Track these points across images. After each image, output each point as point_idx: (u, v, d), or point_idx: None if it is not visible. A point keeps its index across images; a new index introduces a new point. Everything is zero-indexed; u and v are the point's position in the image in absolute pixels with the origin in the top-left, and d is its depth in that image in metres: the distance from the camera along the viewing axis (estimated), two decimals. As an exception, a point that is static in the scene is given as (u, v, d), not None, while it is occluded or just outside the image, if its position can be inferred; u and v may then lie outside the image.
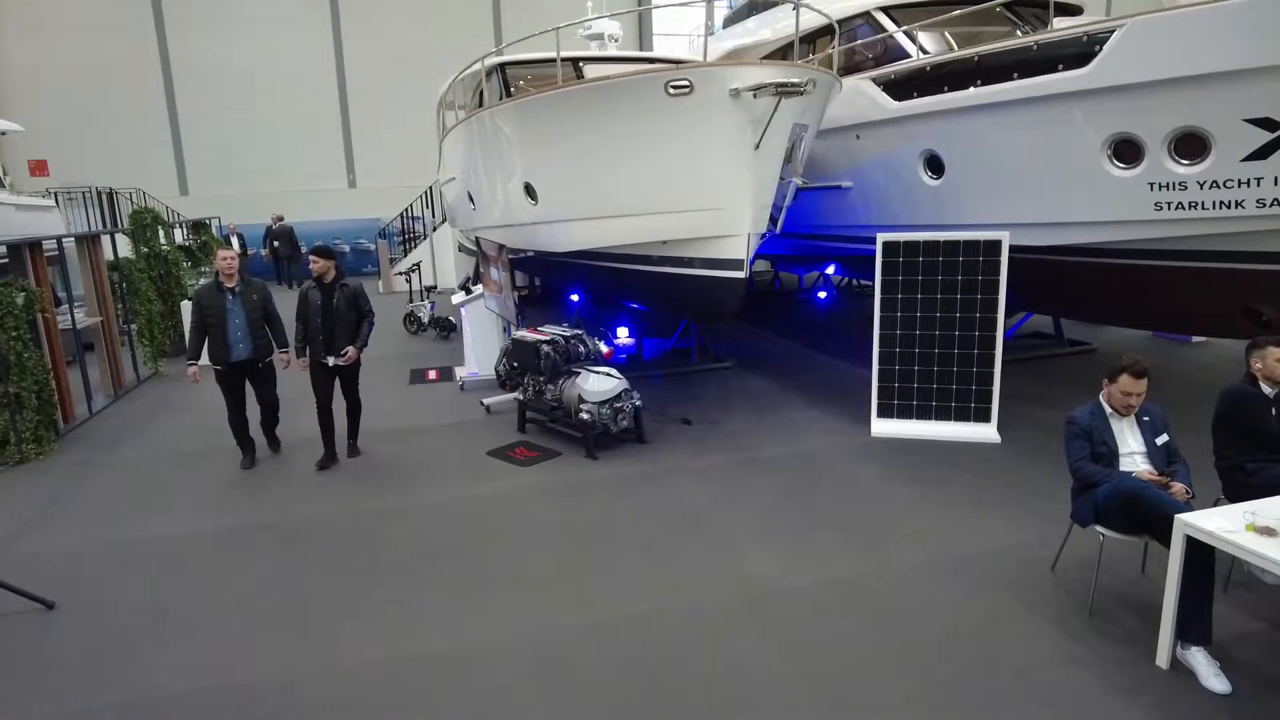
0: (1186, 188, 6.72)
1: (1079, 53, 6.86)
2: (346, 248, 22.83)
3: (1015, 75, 7.42)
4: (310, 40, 24.48)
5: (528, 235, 9.27)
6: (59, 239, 9.18)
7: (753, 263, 7.55)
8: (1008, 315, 7.90)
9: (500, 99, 10.50)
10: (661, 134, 6.89)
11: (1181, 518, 3.76)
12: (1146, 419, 4.57)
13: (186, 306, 11.60)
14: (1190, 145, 6.59)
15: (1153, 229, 7.10)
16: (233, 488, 6.81)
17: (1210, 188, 6.61)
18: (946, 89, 8.13)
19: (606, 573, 5.05)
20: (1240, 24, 5.95)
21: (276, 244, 20.94)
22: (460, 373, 10.53)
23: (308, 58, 24.50)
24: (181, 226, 14.12)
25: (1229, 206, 6.59)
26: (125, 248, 11.63)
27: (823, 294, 15.75)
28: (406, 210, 21.32)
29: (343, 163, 25.70)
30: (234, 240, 20.39)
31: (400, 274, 14.17)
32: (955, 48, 9.80)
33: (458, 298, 10.38)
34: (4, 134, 16.18)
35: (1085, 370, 10.00)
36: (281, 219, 21.31)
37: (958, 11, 9.18)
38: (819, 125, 8.14)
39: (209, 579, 5.14)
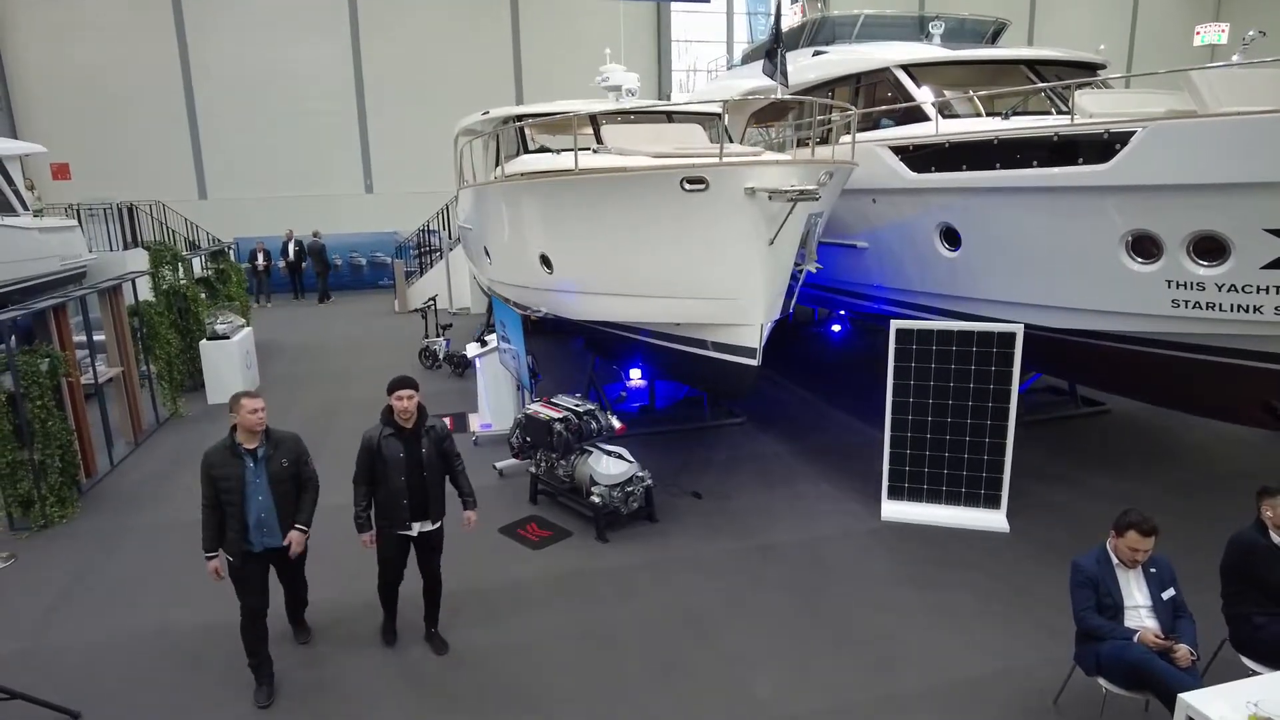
0: (1205, 289, 6.68)
1: (1100, 148, 6.82)
2: (364, 260, 22.98)
3: (1035, 163, 7.38)
4: (329, 44, 24.58)
5: (542, 298, 9.33)
6: (82, 295, 9.28)
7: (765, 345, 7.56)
8: (1021, 375, 7.88)
9: (517, 151, 10.55)
10: (678, 226, 6.92)
11: (1185, 698, 3.79)
12: (1154, 570, 4.58)
13: (206, 346, 11.77)
14: (1209, 248, 6.55)
15: (1169, 324, 7.07)
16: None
17: (1229, 290, 6.57)
18: (965, 167, 8.09)
19: (611, 694, 5.14)
20: (1264, 138, 5.90)
21: (293, 258, 21.20)
22: (474, 422, 10.63)
23: (326, 62, 24.61)
24: (200, 256, 14.22)
25: (1247, 310, 6.55)
26: (143, 282, 11.80)
27: (836, 327, 15.74)
28: (424, 226, 21.41)
29: (360, 168, 25.85)
30: (260, 256, 20.61)
31: (416, 310, 14.27)
32: (978, 105, 9.77)
33: (473, 349, 10.46)
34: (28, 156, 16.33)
35: (1098, 434, 9.98)
36: (317, 235, 21.54)
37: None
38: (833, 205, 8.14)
39: (229, 681, 5.27)
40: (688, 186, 6.63)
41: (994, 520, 7.48)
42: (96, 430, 9.28)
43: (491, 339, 10.47)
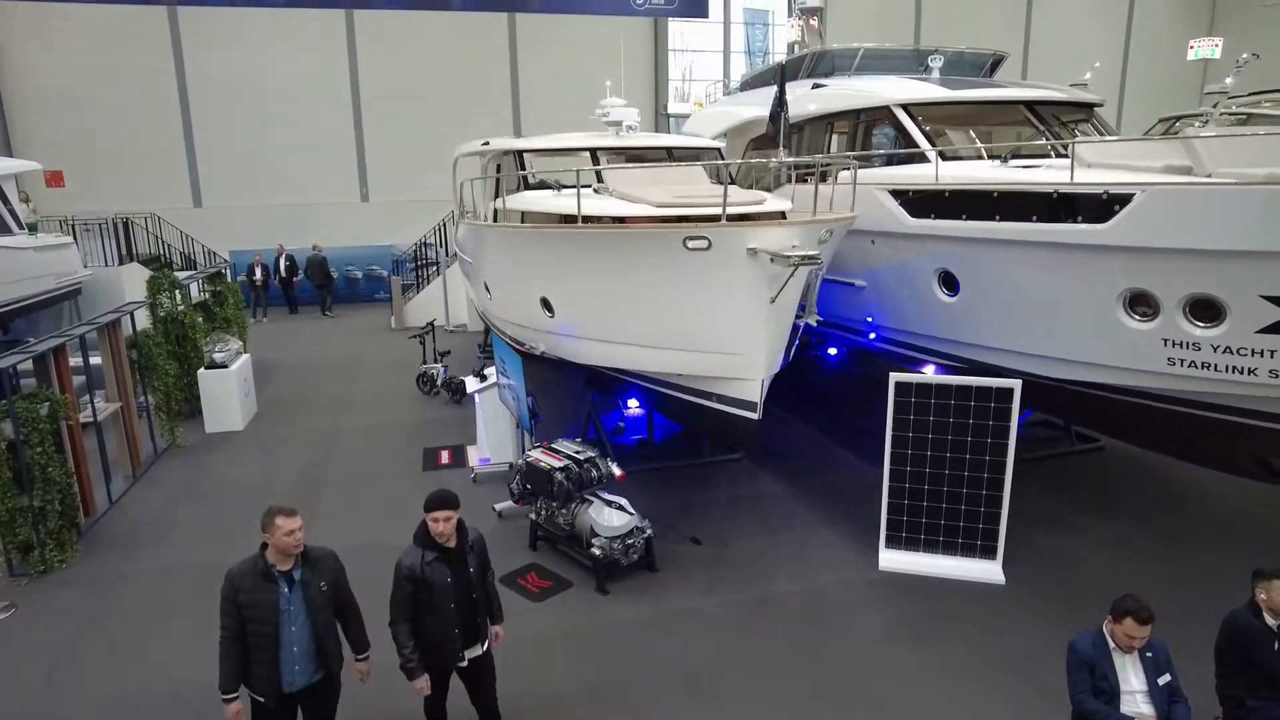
0: (1200, 349, 6.75)
1: (1099, 207, 6.87)
2: (359, 274, 22.95)
3: (1035, 217, 7.43)
4: (325, 50, 24.52)
5: (542, 339, 9.35)
6: (82, 333, 9.24)
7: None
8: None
9: (518, 184, 10.56)
10: (681, 282, 6.95)
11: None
12: (1150, 655, 4.63)
13: (204, 375, 11.75)
14: (1205, 309, 6.62)
15: (1166, 381, 7.13)
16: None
17: (1224, 352, 6.64)
18: (965, 216, 8.13)
19: (616, 765, 5.19)
20: (1261, 208, 5.97)
21: (284, 273, 21.22)
22: (472, 455, 10.67)
23: (322, 68, 24.55)
24: (197, 280, 14.19)
25: (1242, 372, 6.62)
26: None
27: (833, 350, 15.77)
28: (421, 240, 21.38)
29: (356, 176, 25.81)
30: (257, 270, 20.59)
31: (413, 338, 14.27)
32: (979, 142, 9.84)
33: (472, 383, 10.48)
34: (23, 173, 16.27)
35: (1094, 473, 10.06)
36: (317, 248, 21.53)
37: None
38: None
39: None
40: (690, 245, 6.66)
41: (990, 571, 7.55)
42: (95, 464, 9.28)
43: (490, 372, 10.50)
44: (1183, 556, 7.90)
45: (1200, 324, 6.67)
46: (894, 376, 7.58)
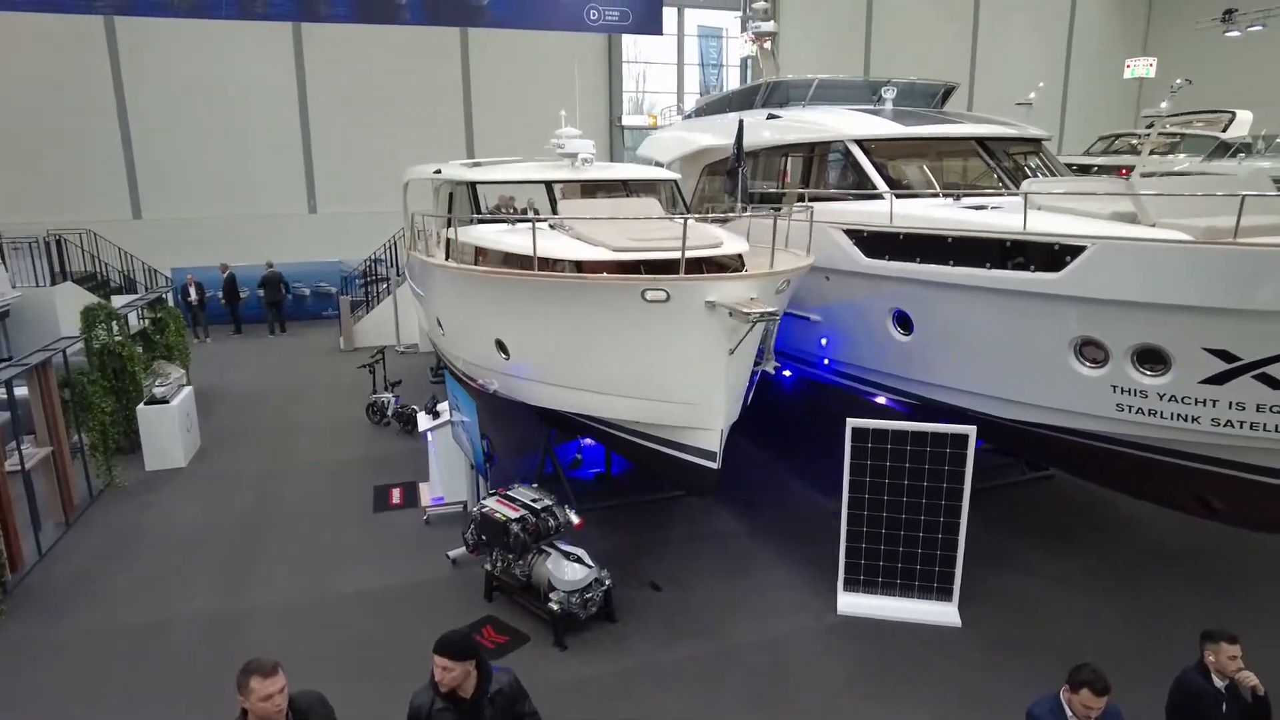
0: (1147, 396, 6.89)
1: (1051, 257, 6.97)
2: (306, 290, 22.35)
3: (988, 264, 7.52)
4: (271, 57, 23.86)
5: (497, 379, 9.18)
6: (8, 378, 8.74)
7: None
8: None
9: (471, 215, 10.36)
10: (639, 333, 6.87)
11: None
12: (1107, 723, 4.68)
13: (143, 412, 11.26)
14: (1152, 359, 6.77)
15: (1113, 425, 7.27)
16: (182, 688, 6.64)
17: (1169, 400, 6.79)
18: (919, 259, 8.20)
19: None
20: (1206, 266, 6.11)
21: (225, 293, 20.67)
22: (425, 493, 10.42)
23: (268, 76, 23.89)
24: (137, 309, 13.63)
25: (1186, 420, 6.78)
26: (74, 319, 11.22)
27: (787, 373, 15.83)
28: (371, 257, 20.89)
29: (304, 186, 25.18)
30: (192, 290, 19.90)
31: (363, 367, 13.89)
32: (933, 179, 9.96)
33: (425, 420, 10.23)
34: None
35: (1044, 504, 10.23)
36: (271, 265, 20.90)
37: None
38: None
39: None
40: (649, 297, 6.58)
41: (947, 614, 7.61)
42: (23, 511, 8.80)
43: (444, 408, 10.28)
44: (1131, 592, 8.07)
45: (1147, 373, 6.81)
46: (851, 423, 7.58)
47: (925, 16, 30.57)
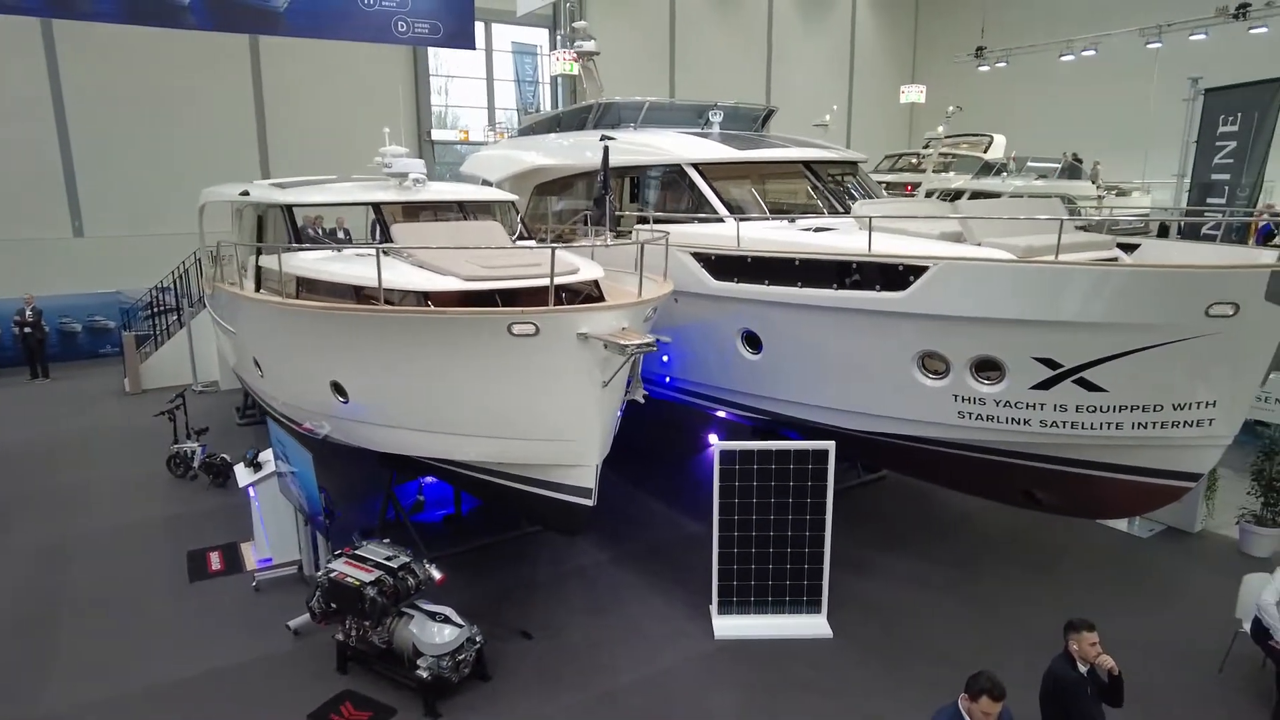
0: (985, 403, 7.41)
1: (896, 277, 7.32)
2: (78, 326, 19.44)
3: (835, 285, 7.79)
4: (14, 60, 20.54)
5: (332, 424, 8.31)
6: None
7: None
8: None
9: (289, 240, 9.38)
10: (506, 369, 6.43)
11: None
12: (1001, 727, 4.88)
13: None
14: (989, 369, 7.29)
15: (956, 431, 7.76)
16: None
17: (1004, 406, 7.34)
18: (767, 281, 8.36)
19: None
20: (1034, 284, 6.66)
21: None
22: (249, 555, 9.26)
23: (11, 81, 20.54)
24: None
25: (1019, 423, 7.36)
26: None
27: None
28: (157, 285, 18.46)
29: (65, 206, 21.89)
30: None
31: (161, 414, 12.14)
32: (761, 201, 10.27)
33: (245, 475, 9.07)
34: None
35: (882, 505, 10.81)
36: (30, 299, 17.77)
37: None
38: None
39: None
40: (516, 331, 6.16)
41: (818, 626, 7.78)
42: None
43: (266, 457, 9.18)
44: (973, 581, 8.67)
45: (985, 381, 7.33)
46: (718, 445, 7.57)
47: (724, 43, 32.08)
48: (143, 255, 19.31)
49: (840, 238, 8.47)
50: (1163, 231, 11.37)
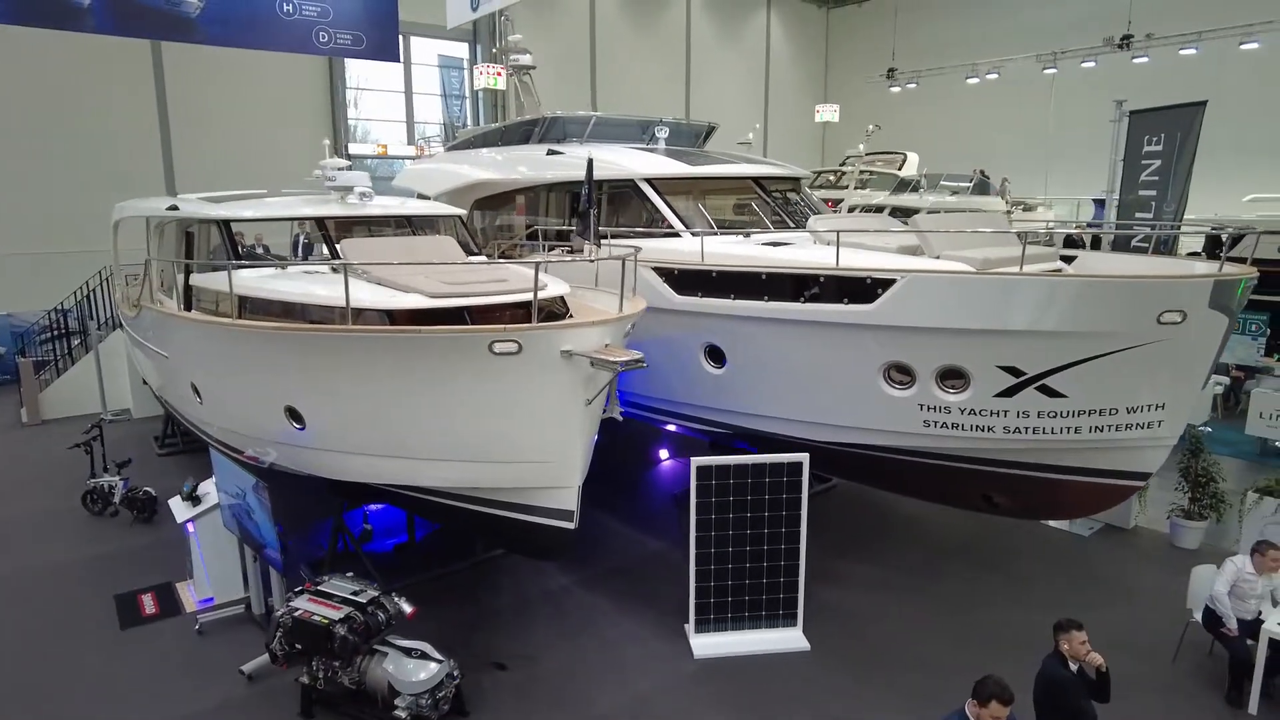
0: (950, 412, 7.59)
1: (863, 290, 7.44)
2: (-40, 354, 17.87)
3: (802, 298, 7.86)
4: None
5: (284, 451, 7.83)
6: None
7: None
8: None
9: (228, 256, 8.84)
10: (485, 388, 6.18)
11: None
12: (1009, 732, 4.95)
13: None
14: (954, 378, 7.48)
15: (920, 440, 7.93)
16: None
17: (969, 414, 7.53)
18: (732, 295, 8.37)
19: None
20: (997, 296, 6.87)
21: None
22: (187, 595, 8.61)
23: None
24: None
25: (983, 430, 7.57)
26: None
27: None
28: (57, 307, 17.13)
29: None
30: None
31: (76, 446, 11.16)
32: (709, 219, 10.32)
33: (182, 511, 8.45)
34: None
35: (835, 514, 10.85)
36: None
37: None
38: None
39: None
40: (498, 349, 5.93)
41: (795, 639, 7.78)
42: None
43: (206, 489, 8.59)
44: (935, 585, 8.85)
45: (950, 391, 7.52)
46: (695, 461, 7.50)
47: (644, 63, 32.33)
48: (38, 275, 17.93)
49: (800, 252, 8.56)
50: (1095, 244, 12.05)
